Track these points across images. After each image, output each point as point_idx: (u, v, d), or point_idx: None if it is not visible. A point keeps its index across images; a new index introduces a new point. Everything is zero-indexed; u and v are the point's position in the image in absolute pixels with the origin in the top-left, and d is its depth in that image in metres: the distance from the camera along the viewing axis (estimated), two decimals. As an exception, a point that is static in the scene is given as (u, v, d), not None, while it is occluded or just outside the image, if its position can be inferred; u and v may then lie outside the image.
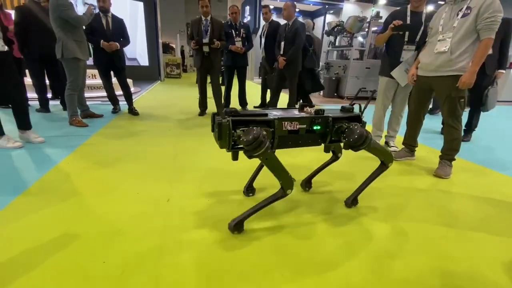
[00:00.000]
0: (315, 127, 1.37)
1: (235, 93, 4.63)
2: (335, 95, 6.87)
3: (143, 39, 8.97)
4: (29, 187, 1.73)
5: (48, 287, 1.01)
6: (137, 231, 1.35)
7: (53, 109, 4.00)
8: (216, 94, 3.94)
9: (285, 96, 4.23)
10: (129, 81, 4.12)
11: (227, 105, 4.54)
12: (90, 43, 3.54)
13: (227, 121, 1.18)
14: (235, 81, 4.49)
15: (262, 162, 1.22)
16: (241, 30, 4.36)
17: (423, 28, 2.38)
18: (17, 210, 1.48)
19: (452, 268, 1.20)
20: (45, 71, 3.86)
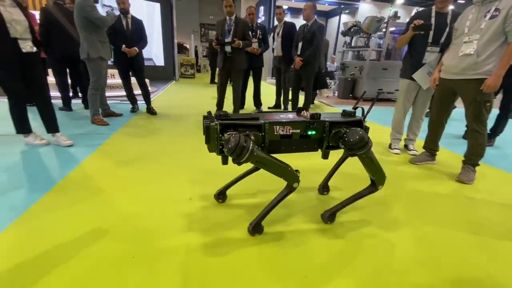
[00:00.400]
0: (310, 132, 1.30)
1: (250, 93, 4.66)
2: (350, 96, 6.79)
3: (159, 39, 9.12)
4: (57, 183, 1.80)
5: (85, 278, 1.06)
6: (162, 228, 1.38)
7: (74, 107, 4.14)
8: (233, 95, 3.89)
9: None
10: (146, 81, 4.20)
11: (242, 106, 4.56)
12: (112, 45, 3.64)
13: (215, 124, 1.16)
14: (250, 82, 4.51)
15: (256, 165, 1.18)
16: (258, 31, 4.38)
17: (448, 29, 2.32)
18: (48, 205, 1.55)
19: (476, 275, 1.18)
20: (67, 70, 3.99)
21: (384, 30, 6.52)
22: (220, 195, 1.66)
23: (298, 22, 4.60)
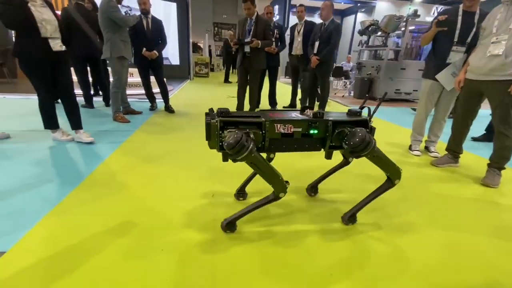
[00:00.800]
0: (312, 131, 1.28)
1: (265, 92, 4.67)
2: (366, 96, 6.68)
3: (175, 39, 9.26)
4: (84, 179, 1.88)
5: (116, 270, 1.11)
6: (187, 223, 1.43)
7: (96, 105, 4.27)
8: (250, 94, 3.91)
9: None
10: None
11: (257, 105, 4.58)
12: (133, 46, 3.73)
13: (216, 121, 1.16)
14: (265, 81, 4.52)
15: (249, 166, 1.17)
16: (275, 30, 4.39)
17: (475, 29, 2.26)
18: (77, 200, 1.62)
19: (503, 281, 1.15)
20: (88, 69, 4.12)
21: (403, 29, 6.38)
22: (240, 192, 1.70)
23: (312, 20, 4.58)
